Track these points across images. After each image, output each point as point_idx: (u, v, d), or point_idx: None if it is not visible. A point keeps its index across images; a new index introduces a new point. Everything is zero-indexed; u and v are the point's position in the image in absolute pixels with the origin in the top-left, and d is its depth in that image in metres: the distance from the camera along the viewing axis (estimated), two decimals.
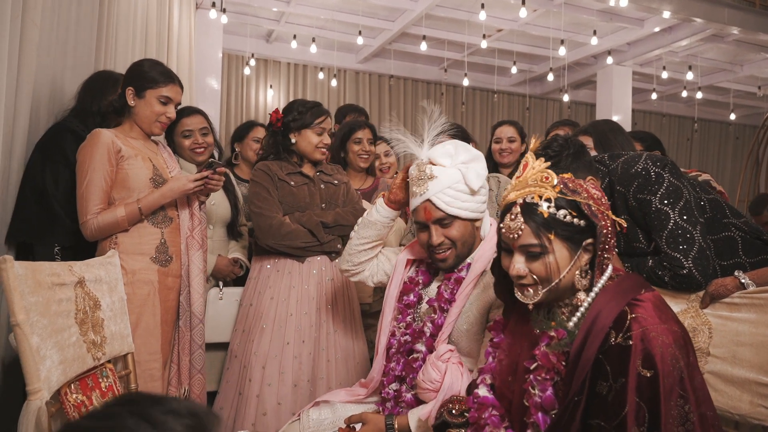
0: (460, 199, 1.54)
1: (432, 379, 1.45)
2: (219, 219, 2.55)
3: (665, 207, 1.61)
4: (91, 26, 2.66)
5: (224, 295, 2.49)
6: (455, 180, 1.53)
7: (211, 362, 2.54)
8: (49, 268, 1.43)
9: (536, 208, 1.12)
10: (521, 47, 6.58)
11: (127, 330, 1.73)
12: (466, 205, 1.54)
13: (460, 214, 1.54)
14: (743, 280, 1.51)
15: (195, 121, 2.53)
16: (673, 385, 1.00)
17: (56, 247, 2.05)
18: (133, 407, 0.64)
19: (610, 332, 1.06)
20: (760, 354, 1.43)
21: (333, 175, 2.44)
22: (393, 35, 6.17)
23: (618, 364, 1.03)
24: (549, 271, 1.12)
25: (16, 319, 1.26)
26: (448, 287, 1.61)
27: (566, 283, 1.14)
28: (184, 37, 4.28)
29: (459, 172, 1.53)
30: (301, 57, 6.77)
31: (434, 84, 7.80)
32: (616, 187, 1.71)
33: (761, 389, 1.42)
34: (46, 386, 1.29)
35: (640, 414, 1.00)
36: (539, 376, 1.16)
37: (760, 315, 1.45)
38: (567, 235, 1.12)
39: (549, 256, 1.12)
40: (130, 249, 2.01)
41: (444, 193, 1.52)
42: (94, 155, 1.95)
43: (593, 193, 1.16)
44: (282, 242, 2.23)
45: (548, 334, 1.17)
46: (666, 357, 1.01)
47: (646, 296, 1.10)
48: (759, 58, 6.93)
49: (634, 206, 1.68)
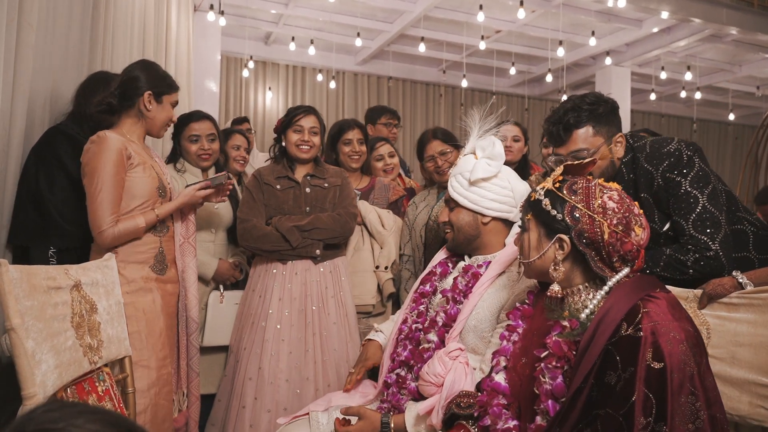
0: (462, 186, 1.64)
1: (436, 373, 1.46)
2: (222, 224, 2.56)
3: (695, 190, 1.62)
4: (88, 29, 2.65)
5: (225, 298, 2.50)
6: (467, 168, 1.64)
7: (211, 365, 2.55)
8: (44, 272, 1.43)
9: (533, 192, 1.29)
10: (520, 48, 6.58)
11: (124, 334, 1.73)
12: (465, 193, 1.64)
13: (459, 200, 1.65)
14: (741, 280, 1.50)
15: (203, 127, 2.54)
16: (683, 380, 1.01)
17: (51, 250, 2.05)
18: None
19: (621, 324, 1.08)
20: (759, 355, 1.43)
21: (326, 178, 2.44)
22: (391, 37, 6.17)
23: (628, 355, 1.05)
24: (523, 246, 1.29)
25: (11, 324, 1.26)
26: (464, 279, 1.64)
27: (540, 266, 1.24)
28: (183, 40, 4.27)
29: (474, 162, 1.64)
30: (299, 59, 6.78)
31: (433, 85, 7.80)
32: (642, 164, 1.71)
33: (760, 390, 1.41)
34: (42, 391, 1.28)
35: (648, 404, 1.01)
36: (550, 364, 1.19)
37: (759, 315, 1.45)
38: (542, 220, 1.23)
39: (525, 234, 1.28)
40: (130, 258, 1.97)
41: (455, 178, 1.67)
42: (107, 162, 1.89)
43: (606, 203, 1.17)
44: (255, 245, 2.31)
45: (561, 324, 1.20)
46: (676, 352, 1.02)
47: (661, 295, 1.13)
48: (757, 58, 6.94)
49: (660, 185, 1.67)
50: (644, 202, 1.71)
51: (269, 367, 2.25)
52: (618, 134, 1.73)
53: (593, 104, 1.69)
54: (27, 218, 2.04)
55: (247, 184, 2.43)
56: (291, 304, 2.29)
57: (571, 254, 1.20)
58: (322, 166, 2.48)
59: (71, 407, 0.67)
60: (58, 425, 0.64)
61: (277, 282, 2.31)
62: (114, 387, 1.60)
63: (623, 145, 1.74)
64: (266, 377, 2.25)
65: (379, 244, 2.55)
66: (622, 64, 6.87)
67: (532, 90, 8.14)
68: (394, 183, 2.89)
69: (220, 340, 2.48)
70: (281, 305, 2.29)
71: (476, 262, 1.67)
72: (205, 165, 2.56)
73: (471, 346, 1.56)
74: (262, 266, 2.38)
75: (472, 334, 1.56)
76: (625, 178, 1.76)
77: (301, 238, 2.28)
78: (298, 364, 2.26)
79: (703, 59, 6.93)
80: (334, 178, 2.46)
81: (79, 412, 0.67)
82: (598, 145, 1.69)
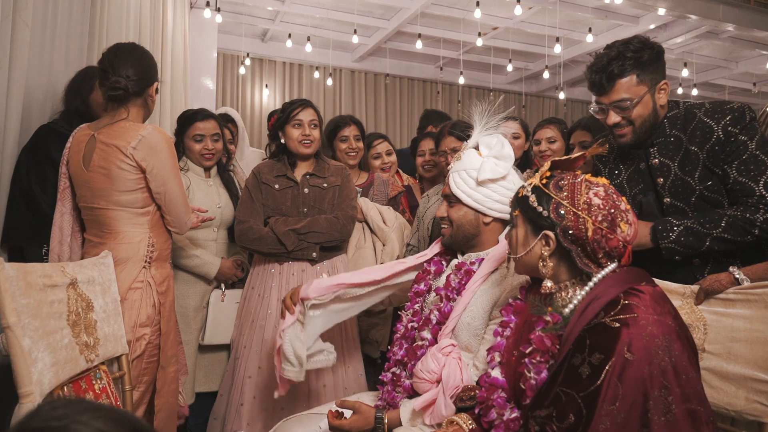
0: (468, 184, 1.61)
1: (430, 369, 1.46)
2: (224, 222, 2.56)
3: (762, 155, 1.61)
4: (84, 26, 2.64)
5: (226, 296, 2.50)
6: (473, 166, 1.61)
7: (213, 363, 2.55)
8: (40, 270, 1.42)
9: (521, 188, 1.29)
10: (517, 45, 6.57)
11: (121, 331, 1.72)
12: (471, 192, 1.61)
13: (462, 197, 1.62)
14: (738, 276, 1.51)
15: (208, 126, 2.53)
16: (654, 374, 1.01)
17: (44, 248, 2.04)
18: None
19: (599, 313, 1.10)
20: (755, 350, 1.43)
21: (326, 177, 2.41)
22: (388, 34, 6.16)
23: (599, 342, 1.06)
24: (512, 242, 1.30)
25: (8, 322, 1.25)
26: (457, 277, 1.63)
27: (528, 262, 1.26)
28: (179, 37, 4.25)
29: (480, 161, 1.61)
30: (296, 56, 6.76)
31: (430, 82, 7.79)
32: (702, 118, 1.68)
33: (756, 385, 1.41)
34: (38, 389, 1.28)
35: (615, 393, 1.02)
36: (534, 359, 1.20)
37: (755, 311, 1.45)
38: (529, 217, 1.24)
39: (514, 230, 1.30)
40: (161, 256, 1.97)
41: (458, 174, 1.63)
42: (174, 158, 1.92)
43: (592, 200, 1.17)
44: (251, 246, 2.32)
45: (543, 319, 1.21)
46: (650, 346, 1.03)
47: (646, 289, 1.13)
48: (754, 55, 6.94)
49: (719, 138, 1.64)
50: (692, 157, 1.69)
51: (268, 366, 2.24)
52: (662, 81, 1.69)
53: (638, 51, 1.64)
54: (21, 218, 2.04)
55: (246, 182, 2.42)
56: None
57: (557, 250, 1.21)
58: (323, 163, 2.44)
59: (76, 404, 0.68)
60: (62, 422, 0.65)
61: (275, 282, 2.31)
62: (111, 385, 1.60)
63: (667, 93, 1.71)
64: (265, 376, 2.25)
65: (381, 241, 2.53)
66: None
67: (529, 87, 8.14)
68: (392, 179, 2.89)
69: (222, 339, 2.48)
70: (280, 305, 2.28)
71: (469, 259, 1.66)
72: (208, 164, 2.56)
73: (464, 343, 1.56)
74: (261, 265, 2.38)
75: (466, 332, 1.56)
76: (666, 132, 1.73)
77: (298, 241, 2.27)
78: None
79: (700, 56, 6.93)
80: (334, 177, 2.43)
81: (84, 408, 0.67)
82: (641, 93, 1.66)
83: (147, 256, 1.88)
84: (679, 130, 1.72)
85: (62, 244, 1.96)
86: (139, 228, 1.89)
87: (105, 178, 1.83)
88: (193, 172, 2.53)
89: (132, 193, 1.86)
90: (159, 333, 1.90)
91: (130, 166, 1.82)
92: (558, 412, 1.07)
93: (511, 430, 1.24)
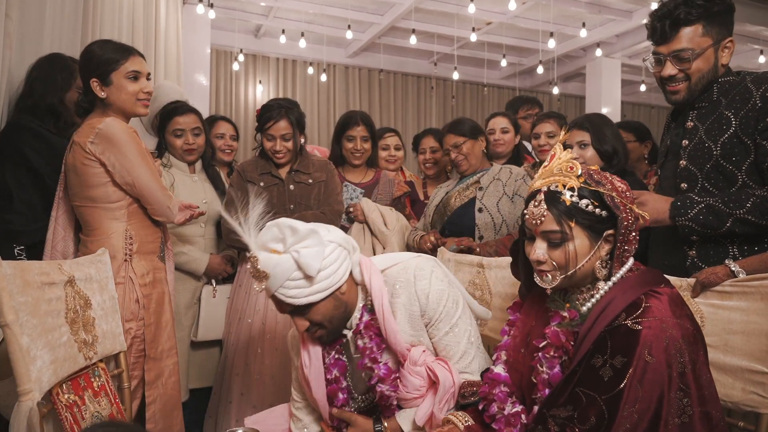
0: (302, 287, 1.35)
1: (417, 386, 1.41)
2: (211, 217, 2.54)
3: None
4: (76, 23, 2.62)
5: (218, 292, 2.49)
6: (291, 269, 1.33)
7: (206, 359, 2.55)
8: (38, 267, 1.42)
9: (559, 196, 1.15)
10: (511, 40, 6.57)
11: (119, 329, 1.72)
12: (313, 288, 1.35)
13: (313, 299, 1.37)
14: (734, 269, 1.52)
15: (188, 121, 2.50)
16: (674, 376, 1.02)
17: (16, 248, 1.98)
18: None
19: (620, 314, 1.08)
20: (751, 342, 1.44)
21: (311, 173, 2.40)
22: (382, 29, 6.15)
23: (620, 344, 1.05)
24: (568, 258, 1.14)
25: (6, 320, 1.25)
26: (365, 338, 1.46)
27: (585, 271, 1.17)
28: (172, 33, 4.23)
29: (291, 258, 1.33)
30: (290, 52, 6.73)
31: (424, 78, 7.78)
32: (746, 84, 1.59)
33: (753, 376, 1.42)
34: (38, 387, 1.28)
35: (636, 396, 1.02)
36: (548, 354, 1.19)
37: (751, 303, 1.46)
38: (588, 224, 1.15)
39: (569, 243, 1.14)
40: (144, 249, 1.96)
41: (286, 287, 1.35)
42: (136, 146, 1.88)
43: (617, 186, 1.18)
44: (238, 245, 2.26)
45: (560, 314, 1.20)
46: (670, 349, 1.03)
47: (665, 290, 1.12)
48: (746, 49, 6.97)
49: (755, 104, 1.54)
50: (723, 122, 1.59)
51: (255, 364, 2.25)
52: (728, 38, 1.60)
53: (709, 0, 1.55)
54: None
55: (231, 179, 2.42)
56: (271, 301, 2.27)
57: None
58: (306, 159, 2.42)
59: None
60: None
61: None
62: (109, 382, 1.59)
63: (731, 52, 1.61)
64: (252, 373, 2.24)
65: (382, 244, 2.51)
66: (612, 55, 6.88)
67: (523, 82, 8.14)
68: (398, 179, 2.87)
69: (214, 335, 2.47)
70: (268, 302, 2.28)
71: (353, 324, 1.49)
72: (190, 159, 2.54)
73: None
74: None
75: (410, 339, 1.45)
76: (714, 98, 1.63)
77: None
78: (283, 361, 2.24)
79: None
80: (319, 172, 2.40)
81: (96, 425, 0.65)
82: (704, 46, 1.56)
83: (126, 249, 1.90)
84: (724, 95, 1.62)
85: (56, 248, 1.97)
86: (116, 222, 1.91)
87: (75, 176, 1.88)
88: (177, 168, 2.51)
89: (100, 188, 1.88)
90: (144, 326, 1.90)
91: (91, 161, 1.85)
92: (579, 414, 1.07)
93: (511, 424, 1.24)
